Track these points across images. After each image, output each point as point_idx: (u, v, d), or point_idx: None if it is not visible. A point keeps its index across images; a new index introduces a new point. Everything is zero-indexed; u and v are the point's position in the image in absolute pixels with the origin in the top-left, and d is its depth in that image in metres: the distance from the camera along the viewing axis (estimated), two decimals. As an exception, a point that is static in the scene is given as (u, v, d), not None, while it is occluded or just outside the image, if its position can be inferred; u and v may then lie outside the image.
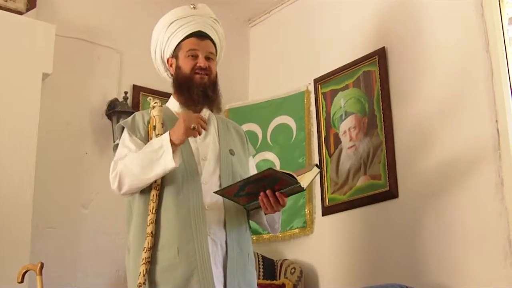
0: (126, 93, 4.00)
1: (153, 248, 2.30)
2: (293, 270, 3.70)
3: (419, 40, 3.47)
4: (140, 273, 2.25)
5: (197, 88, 2.48)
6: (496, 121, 3.05)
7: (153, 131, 2.40)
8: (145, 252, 2.27)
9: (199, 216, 2.32)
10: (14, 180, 3.35)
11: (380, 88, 3.61)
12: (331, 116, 3.89)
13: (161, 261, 2.29)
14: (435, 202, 3.23)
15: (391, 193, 3.43)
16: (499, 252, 2.92)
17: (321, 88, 4.00)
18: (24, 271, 2.73)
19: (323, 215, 3.81)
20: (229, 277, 2.32)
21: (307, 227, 3.86)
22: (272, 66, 4.49)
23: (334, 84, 3.92)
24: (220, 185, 2.39)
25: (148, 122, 2.44)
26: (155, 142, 2.34)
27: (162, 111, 2.43)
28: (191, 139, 2.43)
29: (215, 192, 2.32)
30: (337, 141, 3.82)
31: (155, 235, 2.31)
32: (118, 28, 4.17)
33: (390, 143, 3.49)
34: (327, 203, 3.79)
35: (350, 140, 3.74)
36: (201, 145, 2.47)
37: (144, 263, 2.26)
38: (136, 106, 4.06)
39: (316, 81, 4.03)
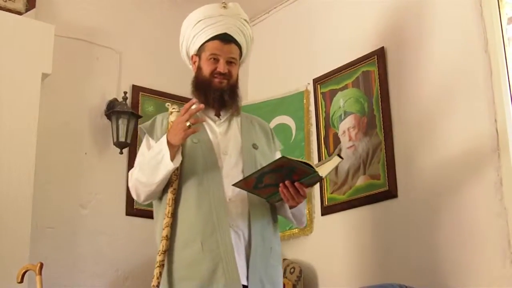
0: (125, 93, 4.00)
1: (176, 246, 2.33)
2: (292, 270, 3.70)
3: (418, 40, 3.48)
4: (154, 275, 2.30)
5: (214, 92, 2.50)
6: (495, 120, 3.05)
7: None
8: (159, 256, 2.31)
9: (221, 209, 2.34)
10: (14, 180, 3.35)
11: (379, 88, 3.61)
12: (330, 116, 3.89)
13: (186, 257, 2.31)
14: (434, 202, 3.23)
15: (390, 193, 3.43)
16: (498, 252, 2.92)
17: (320, 88, 4.00)
18: (23, 271, 2.73)
19: (322, 214, 3.81)
20: (251, 269, 2.32)
21: (306, 226, 3.86)
22: (271, 66, 4.49)
23: (333, 84, 3.92)
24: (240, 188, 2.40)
25: (166, 127, 2.45)
26: (155, 146, 2.38)
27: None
28: (212, 135, 2.48)
29: (234, 185, 2.34)
30: (337, 141, 3.82)
31: (178, 232, 2.33)
32: (117, 28, 4.17)
33: (389, 143, 3.49)
34: (326, 203, 3.79)
35: (350, 140, 3.74)
36: (222, 140, 2.50)
37: (158, 266, 2.30)
38: (135, 106, 4.07)
39: (315, 81, 4.04)
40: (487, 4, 3.18)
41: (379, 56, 3.65)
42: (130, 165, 3.97)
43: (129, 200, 3.93)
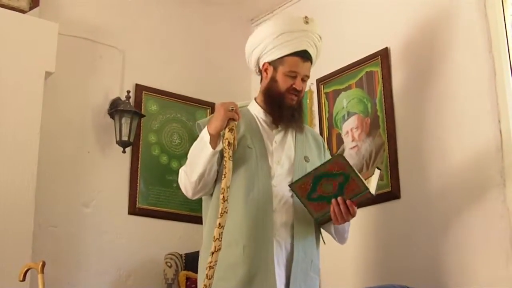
0: (128, 92, 4.00)
1: (221, 244, 2.29)
2: (294, 270, 3.69)
3: (422, 40, 3.47)
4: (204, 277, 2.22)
5: (287, 109, 2.54)
6: (499, 121, 3.04)
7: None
8: (211, 256, 2.21)
9: (267, 218, 2.37)
10: (16, 178, 3.35)
11: (382, 89, 3.61)
12: (334, 116, 3.89)
13: (227, 257, 2.31)
14: (437, 203, 3.22)
15: (393, 194, 3.43)
16: (501, 253, 2.91)
17: (323, 88, 4.00)
18: (26, 269, 2.73)
19: (325, 215, 3.80)
20: (292, 280, 2.35)
21: (309, 227, 3.85)
22: (274, 65, 4.48)
23: (336, 84, 3.91)
24: (295, 193, 2.42)
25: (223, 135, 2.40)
26: (199, 137, 2.42)
27: (233, 134, 2.36)
28: (268, 143, 2.51)
29: (290, 185, 2.38)
30: (340, 142, 3.81)
31: (225, 232, 2.30)
32: (121, 27, 4.17)
33: (393, 143, 3.49)
34: (329, 203, 3.78)
35: (353, 140, 3.73)
36: (277, 149, 2.53)
37: (211, 267, 2.20)
38: (138, 105, 4.07)
39: (319, 81, 4.03)
40: (491, 5, 3.17)
41: (383, 56, 3.64)
42: (133, 164, 3.99)
43: (132, 199, 3.94)
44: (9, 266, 3.10)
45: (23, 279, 2.74)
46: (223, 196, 2.19)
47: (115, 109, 3.89)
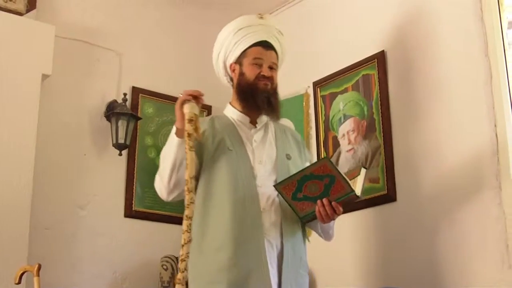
0: (125, 94, 4.00)
1: (209, 250, 2.34)
2: (291, 273, 3.69)
3: (418, 44, 3.48)
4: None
5: (261, 94, 2.55)
6: (495, 125, 3.04)
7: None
8: (182, 249, 2.17)
9: (256, 218, 2.38)
10: (12, 181, 3.35)
11: (379, 92, 3.61)
12: (330, 119, 3.89)
13: (217, 262, 2.32)
14: (433, 206, 3.22)
15: (389, 197, 3.43)
16: (496, 256, 2.91)
17: (320, 91, 4.00)
18: (21, 272, 2.74)
19: (321, 218, 3.80)
20: (284, 279, 2.36)
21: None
22: (271, 68, 4.48)
23: (333, 87, 3.92)
24: (279, 193, 2.43)
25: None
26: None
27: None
28: (247, 142, 2.52)
29: (275, 186, 2.39)
30: (336, 144, 3.82)
31: (211, 237, 2.35)
32: (117, 30, 4.17)
33: (389, 146, 3.49)
34: (325, 206, 3.78)
35: (349, 143, 3.74)
36: (257, 148, 2.54)
37: (182, 260, 2.17)
38: (135, 108, 4.07)
39: (315, 84, 4.04)
40: (487, 8, 3.17)
41: (379, 59, 3.65)
42: (129, 166, 3.98)
43: (128, 202, 3.94)
44: (5, 269, 3.10)
45: (19, 282, 2.74)
46: (187, 188, 2.16)
47: (112, 111, 3.90)
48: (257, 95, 2.55)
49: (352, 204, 2.49)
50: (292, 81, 4.22)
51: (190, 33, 4.49)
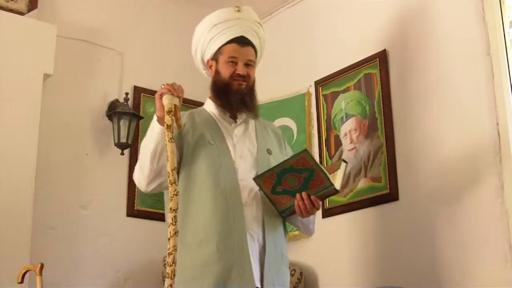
0: (127, 94, 4.00)
1: (191, 245, 2.32)
2: (293, 272, 3.69)
3: (420, 43, 3.47)
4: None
5: (234, 95, 2.52)
6: (497, 124, 3.04)
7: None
8: (168, 242, 2.09)
9: (238, 212, 2.36)
10: (15, 180, 3.35)
11: (381, 91, 3.61)
12: (332, 118, 3.89)
13: (200, 256, 2.30)
14: (436, 205, 3.22)
15: (392, 196, 3.43)
16: (499, 255, 2.91)
17: (322, 90, 4.00)
18: (24, 271, 2.74)
19: (323, 217, 3.80)
20: (266, 273, 2.34)
21: (307, 229, 3.86)
22: (273, 68, 4.47)
23: (335, 86, 3.92)
24: (259, 186, 2.41)
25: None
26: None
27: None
28: (228, 137, 2.50)
29: (254, 179, 2.37)
30: (338, 143, 3.82)
31: (192, 231, 2.32)
32: (119, 29, 4.17)
33: (391, 145, 3.49)
34: (327, 205, 3.78)
35: (351, 142, 3.74)
36: (238, 143, 2.51)
37: (169, 253, 2.11)
38: (136, 107, 4.07)
39: (317, 83, 4.03)
40: (489, 7, 3.17)
41: (381, 58, 3.65)
42: (131, 166, 3.97)
43: (130, 201, 3.94)
44: (8, 268, 3.10)
45: (21, 281, 2.74)
46: (170, 180, 2.11)
47: (114, 111, 3.90)
48: (230, 95, 2.52)
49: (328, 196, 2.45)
50: (294, 80, 4.23)
51: (192, 32, 4.46)
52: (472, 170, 3.11)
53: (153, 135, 2.34)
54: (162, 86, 2.33)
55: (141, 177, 2.41)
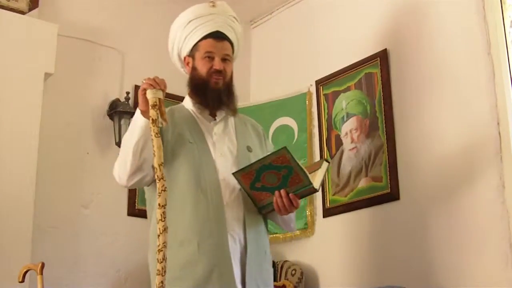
0: (128, 93, 4.00)
1: (171, 245, 2.23)
2: (293, 272, 3.69)
3: (421, 42, 3.48)
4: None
5: (211, 93, 2.50)
6: (498, 123, 3.05)
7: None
8: (158, 239, 2.09)
9: (219, 212, 2.34)
10: (16, 179, 3.35)
11: (381, 90, 3.61)
12: (333, 117, 3.89)
13: (181, 256, 2.28)
14: (437, 205, 3.22)
15: (393, 195, 3.43)
16: (500, 255, 2.92)
17: (322, 90, 4.00)
18: (25, 270, 2.73)
19: (324, 216, 3.81)
20: (248, 274, 2.33)
21: (308, 228, 3.86)
22: (273, 67, 4.49)
23: (336, 86, 3.92)
24: (238, 181, 2.39)
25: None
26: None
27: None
28: (208, 135, 2.47)
29: (233, 174, 2.34)
30: (339, 143, 3.82)
31: (172, 232, 2.24)
32: (120, 29, 4.17)
33: (392, 145, 3.49)
34: (328, 205, 3.79)
35: (352, 141, 3.74)
36: (218, 141, 2.49)
37: (159, 250, 2.09)
38: (137, 107, 4.06)
39: (318, 82, 4.04)
40: (490, 7, 3.18)
41: (382, 58, 3.65)
42: (132, 165, 3.98)
43: (131, 200, 3.94)
44: (9, 267, 3.10)
45: (22, 280, 2.74)
46: (157, 175, 2.09)
47: (114, 110, 3.90)
48: (207, 93, 2.50)
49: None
50: (294, 79, 4.23)
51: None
52: (473, 170, 3.11)
53: (136, 129, 2.31)
54: (144, 81, 2.28)
55: (122, 172, 2.39)
